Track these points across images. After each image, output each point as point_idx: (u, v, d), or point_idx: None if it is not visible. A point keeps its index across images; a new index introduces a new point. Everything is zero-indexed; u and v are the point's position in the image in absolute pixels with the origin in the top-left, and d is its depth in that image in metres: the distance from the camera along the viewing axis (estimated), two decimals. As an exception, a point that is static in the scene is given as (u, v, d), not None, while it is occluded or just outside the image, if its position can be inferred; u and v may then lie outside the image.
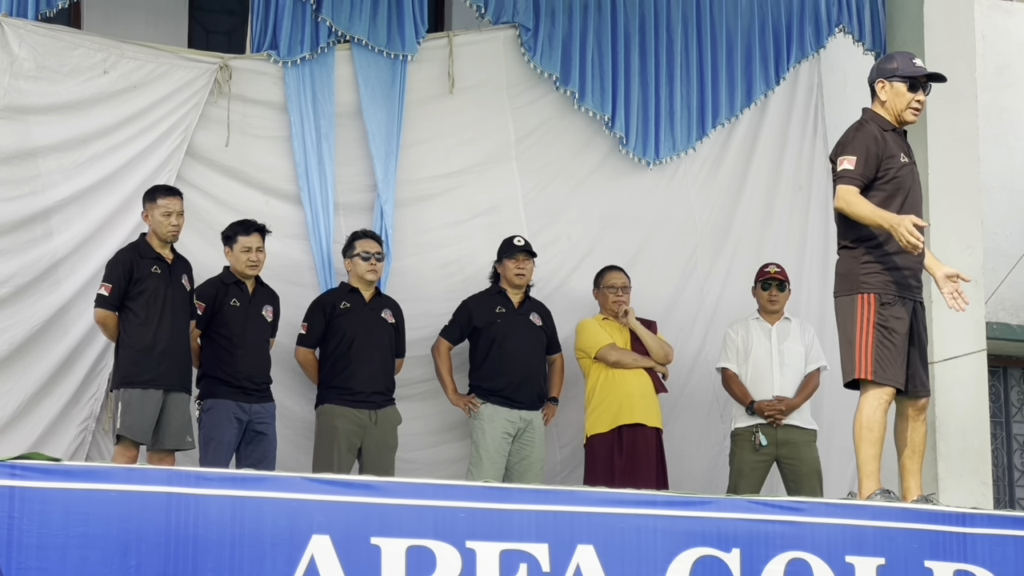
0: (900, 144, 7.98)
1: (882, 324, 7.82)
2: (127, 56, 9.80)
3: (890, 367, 7.80)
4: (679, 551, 6.97)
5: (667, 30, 10.97)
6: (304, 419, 9.82)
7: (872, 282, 7.88)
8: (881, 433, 7.81)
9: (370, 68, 10.29)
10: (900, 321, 7.83)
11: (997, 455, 12.41)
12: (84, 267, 9.58)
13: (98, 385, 9.55)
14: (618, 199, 10.84)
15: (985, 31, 12.38)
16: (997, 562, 7.32)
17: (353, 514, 6.69)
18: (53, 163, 9.58)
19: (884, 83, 8.01)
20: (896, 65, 8.02)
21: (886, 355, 7.80)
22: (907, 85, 7.98)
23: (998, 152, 12.39)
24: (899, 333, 7.82)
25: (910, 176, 7.95)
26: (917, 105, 7.99)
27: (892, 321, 7.82)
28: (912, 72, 7.98)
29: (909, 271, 7.88)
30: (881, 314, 7.82)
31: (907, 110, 7.98)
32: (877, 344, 7.81)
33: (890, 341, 7.81)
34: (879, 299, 7.83)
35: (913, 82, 7.98)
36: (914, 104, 7.98)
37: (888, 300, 7.83)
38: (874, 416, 7.80)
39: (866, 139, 7.92)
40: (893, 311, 7.83)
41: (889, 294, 7.84)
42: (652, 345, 10.17)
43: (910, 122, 8.03)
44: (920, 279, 7.97)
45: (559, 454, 10.46)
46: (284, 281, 9.89)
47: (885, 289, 7.85)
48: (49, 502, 6.36)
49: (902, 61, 8.04)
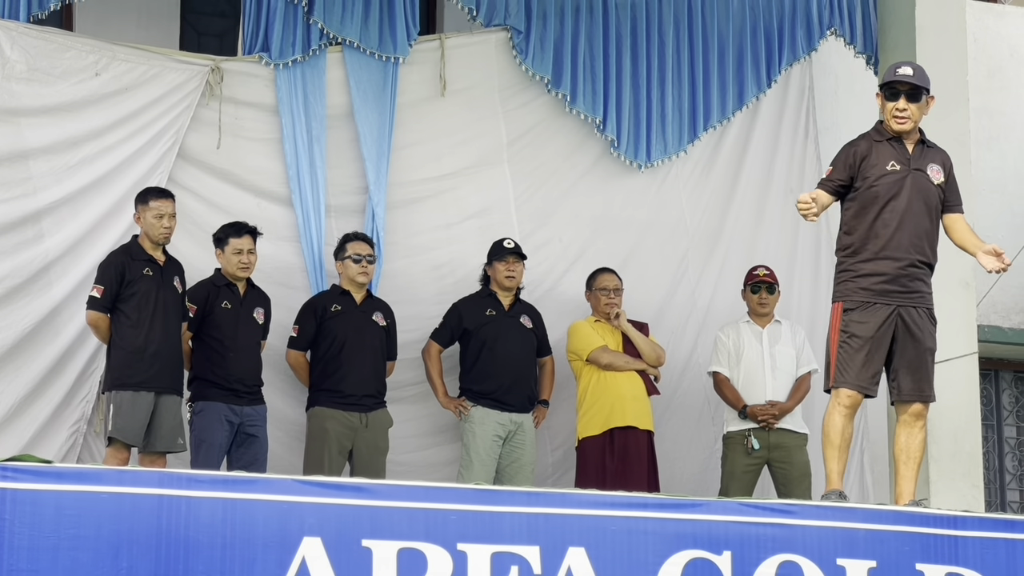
0: (894, 153, 8.00)
1: (844, 330, 7.98)
2: (119, 58, 9.79)
3: (848, 371, 7.93)
4: (670, 553, 6.98)
5: (659, 33, 10.97)
6: (295, 421, 9.81)
7: (841, 290, 8.06)
8: (836, 436, 7.95)
9: (362, 70, 10.29)
10: (863, 326, 7.92)
11: (988, 458, 12.40)
12: (76, 269, 9.57)
13: (90, 387, 9.54)
14: (610, 202, 10.84)
15: (976, 34, 12.38)
16: (988, 565, 7.33)
17: (344, 516, 6.69)
18: (44, 165, 9.57)
19: (878, 95, 8.11)
20: (883, 76, 8.11)
21: (844, 359, 7.94)
22: (886, 94, 8.04)
23: (989, 155, 12.40)
24: (860, 337, 7.91)
25: (898, 184, 7.98)
26: (898, 113, 8.03)
27: (853, 326, 7.94)
28: (887, 80, 8.04)
29: (885, 276, 7.92)
30: (844, 320, 7.97)
31: (891, 120, 8.02)
32: (839, 349, 7.96)
33: (848, 345, 7.94)
34: (844, 306, 7.98)
35: (889, 91, 8.02)
36: (895, 113, 8.03)
37: (852, 306, 7.95)
38: (829, 420, 8.00)
39: (847, 149, 8.09)
40: (855, 316, 7.95)
41: (854, 300, 7.94)
42: (644, 347, 10.17)
43: (898, 131, 8.06)
44: (913, 284, 7.97)
45: (551, 456, 10.45)
46: (275, 283, 9.88)
47: (851, 296, 7.98)
48: (40, 504, 6.36)
49: (888, 71, 8.12)
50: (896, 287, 7.95)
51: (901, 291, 7.96)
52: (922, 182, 8.05)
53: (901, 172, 8.01)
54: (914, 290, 7.99)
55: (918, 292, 8.01)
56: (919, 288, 8.02)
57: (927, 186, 8.06)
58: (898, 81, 8.03)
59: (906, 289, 7.97)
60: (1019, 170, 12.58)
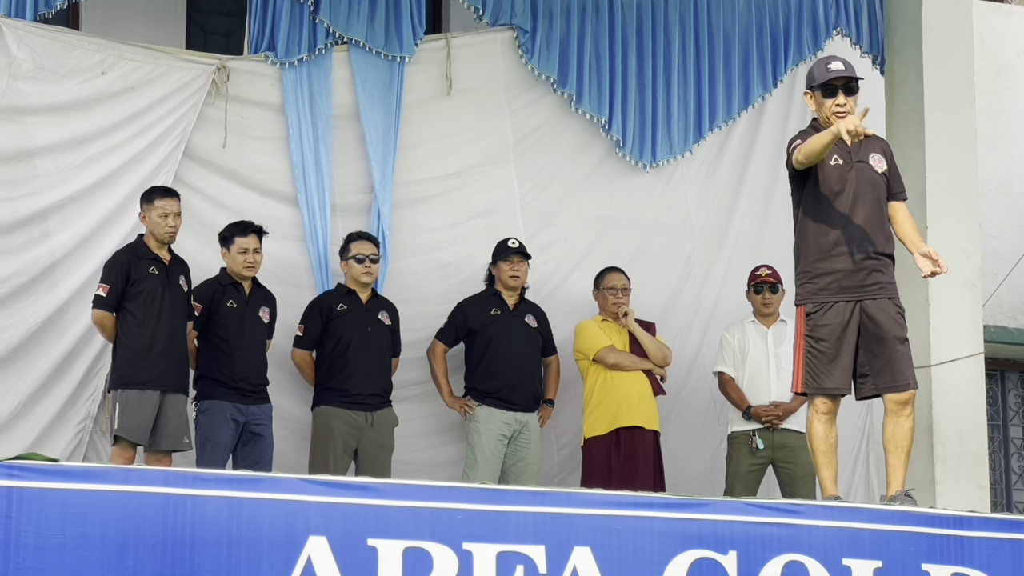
0: (837, 148, 7.93)
1: (808, 335, 7.99)
2: (125, 57, 9.80)
3: (819, 376, 7.94)
4: (676, 553, 6.98)
5: (664, 33, 10.97)
6: (301, 420, 9.82)
7: (801, 293, 8.07)
8: (820, 443, 7.98)
9: (368, 70, 10.29)
10: (825, 328, 7.93)
11: (994, 458, 12.40)
12: (82, 268, 9.58)
13: (95, 386, 9.55)
14: (615, 201, 10.84)
15: (983, 34, 12.38)
16: (994, 565, 7.33)
17: (350, 515, 6.69)
18: (51, 164, 9.57)
19: (808, 94, 8.15)
20: (813, 75, 8.11)
21: (813, 364, 7.95)
22: (822, 92, 8.02)
23: (996, 155, 12.40)
24: (824, 340, 7.92)
25: (842, 178, 7.95)
26: (838, 109, 8.00)
27: (817, 330, 7.95)
28: (823, 78, 8.03)
29: (841, 273, 7.91)
30: (808, 325, 7.99)
31: (832, 116, 8.00)
32: (806, 356, 7.98)
33: (815, 349, 7.95)
34: (806, 310, 8.00)
35: (826, 88, 8.01)
36: (835, 109, 8.01)
37: (813, 309, 7.96)
38: (810, 428, 8.04)
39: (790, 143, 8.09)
40: (818, 319, 7.95)
41: (815, 302, 7.95)
42: (651, 347, 10.17)
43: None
44: (872, 276, 7.93)
45: (557, 456, 10.46)
46: (281, 282, 9.88)
47: (811, 298, 7.99)
48: (47, 502, 6.36)
49: (818, 69, 8.12)
50: (854, 282, 7.91)
51: (860, 286, 7.92)
52: (867, 172, 8.02)
53: (845, 166, 7.99)
54: (873, 282, 7.94)
55: (878, 284, 7.95)
56: (878, 280, 7.95)
57: (872, 176, 8.03)
58: (834, 77, 8.02)
59: (864, 283, 7.93)
60: (1025, 170, 12.59)
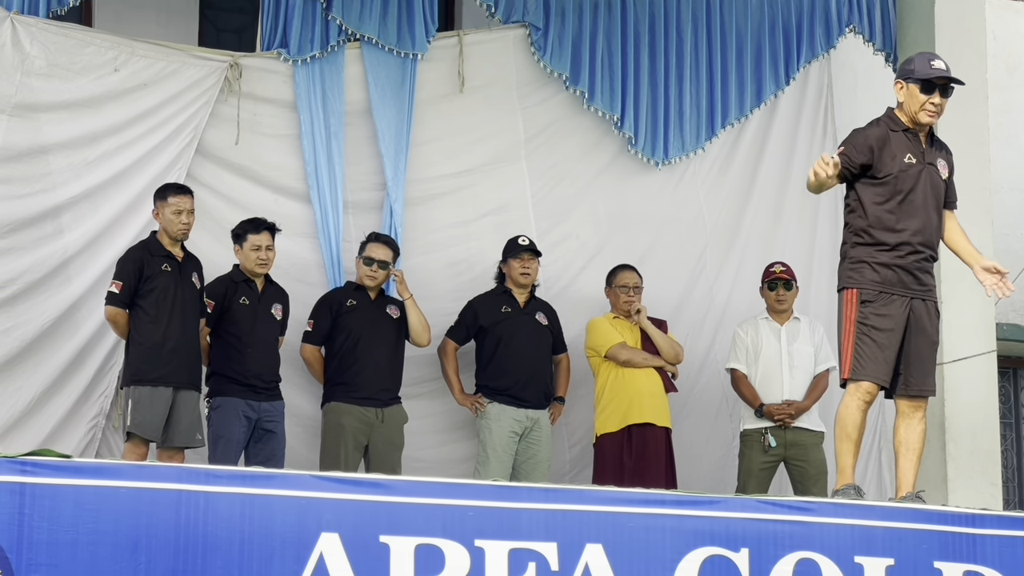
0: (910, 145, 8.00)
1: (862, 321, 7.91)
2: (138, 54, 9.81)
3: (869, 363, 7.87)
4: (688, 550, 6.97)
5: (677, 30, 10.97)
6: (314, 417, 9.82)
7: (856, 278, 7.98)
8: (854, 430, 7.90)
9: (380, 67, 10.29)
10: (883, 318, 7.88)
11: (1007, 456, 12.40)
12: (94, 264, 9.60)
13: (108, 382, 9.56)
14: (627, 199, 10.84)
15: (996, 31, 12.37)
16: (1007, 563, 7.31)
17: (362, 512, 6.69)
18: (63, 161, 9.59)
19: (901, 84, 8.10)
20: (913, 67, 8.08)
21: (864, 351, 7.88)
22: (920, 87, 8.01)
23: (1009, 152, 12.39)
24: (881, 330, 7.87)
25: (915, 177, 7.97)
26: (931, 107, 8.01)
27: (873, 318, 7.89)
28: (926, 74, 8.01)
29: (901, 268, 7.91)
30: (862, 311, 7.91)
31: (921, 111, 8.01)
32: (857, 341, 7.89)
33: (869, 338, 7.88)
34: (860, 295, 7.92)
35: (926, 84, 8.00)
36: (928, 106, 8.01)
37: (869, 297, 7.90)
38: (847, 413, 7.93)
39: (863, 132, 8.05)
40: (875, 308, 7.89)
41: (871, 290, 7.90)
42: (662, 344, 10.17)
43: (925, 123, 8.05)
44: (923, 277, 7.96)
45: (568, 453, 10.46)
46: (293, 279, 9.90)
47: (867, 285, 7.93)
48: (59, 499, 6.36)
49: (919, 63, 8.08)
50: (911, 279, 7.94)
51: (914, 284, 7.95)
52: (934, 176, 8.06)
53: (917, 165, 8.01)
54: (924, 283, 7.99)
55: (927, 285, 8.00)
56: (928, 281, 8.01)
57: (937, 181, 8.07)
58: (937, 76, 8.02)
59: (918, 282, 7.96)
60: (1038, 168, 12.57)
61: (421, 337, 9.88)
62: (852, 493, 7.72)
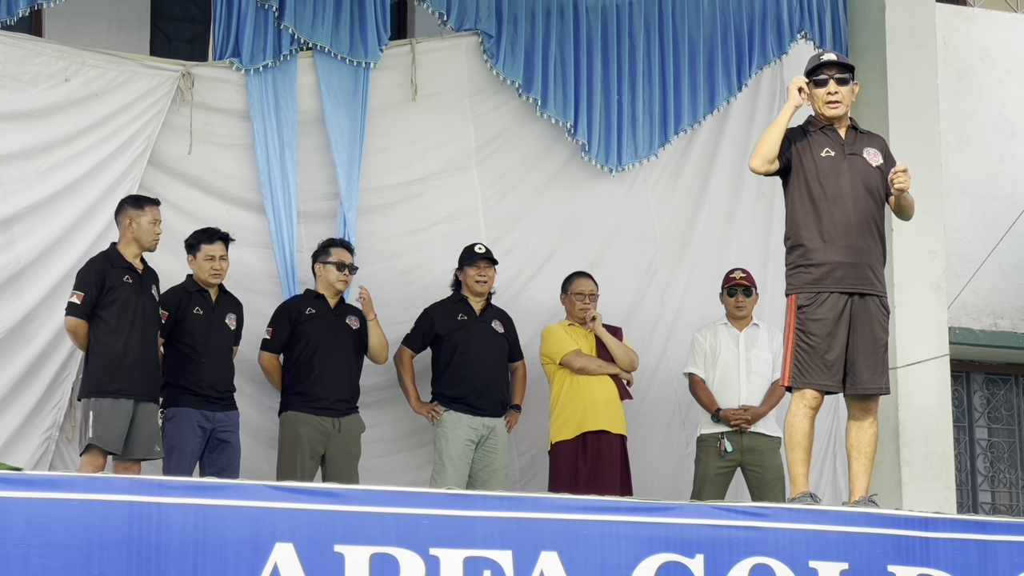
0: (828, 140, 7.98)
1: (799, 328, 7.91)
2: (89, 64, 9.77)
3: (808, 371, 7.87)
4: (643, 557, 6.98)
5: (629, 37, 10.99)
6: (266, 428, 9.80)
7: (793, 282, 8.00)
8: (803, 438, 7.89)
9: (333, 75, 10.28)
10: (818, 323, 7.86)
11: (960, 460, 12.44)
12: (47, 275, 9.55)
13: (62, 394, 9.52)
14: (577, 206, 10.85)
15: (946, 37, 12.42)
16: (960, 567, 7.34)
17: (316, 522, 6.67)
18: (15, 171, 9.55)
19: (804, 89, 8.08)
20: (807, 68, 8.10)
21: (803, 359, 7.88)
22: (815, 84, 8.04)
23: (960, 158, 12.44)
24: (817, 335, 7.86)
25: (833, 170, 7.93)
26: (830, 98, 8.01)
27: (809, 324, 7.88)
28: (811, 66, 8.05)
29: (835, 263, 7.88)
30: (799, 318, 7.92)
31: (824, 106, 8.03)
32: (796, 349, 7.91)
33: (807, 344, 7.87)
34: (797, 300, 7.93)
35: (817, 79, 8.02)
36: (827, 98, 8.02)
37: (805, 301, 7.90)
38: (794, 421, 7.92)
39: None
40: (810, 312, 7.88)
41: (807, 293, 7.89)
42: (618, 352, 10.17)
43: (832, 116, 8.02)
44: (863, 270, 7.91)
45: (518, 461, 10.44)
46: (245, 290, 9.86)
47: (803, 289, 7.92)
48: (11, 511, 6.33)
49: (810, 62, 8.12)
50: (848, 273, 7.89)
51: (851, 278, 7.91)
52: (860, 165, 8.00)
53: (837, 157, 7.98)
54: (865, 277, 7.91)
55: (869, 280, 7.93)
56: (869, 275, 7.92)
57: (866, 169, 8.01)
58: (824, 66, 8.03)
59: (858, 276, 7.90)
60: (989, 173, 12.62)
61: (379, 356, 9.90)
62: (808, 501, 7.74)
